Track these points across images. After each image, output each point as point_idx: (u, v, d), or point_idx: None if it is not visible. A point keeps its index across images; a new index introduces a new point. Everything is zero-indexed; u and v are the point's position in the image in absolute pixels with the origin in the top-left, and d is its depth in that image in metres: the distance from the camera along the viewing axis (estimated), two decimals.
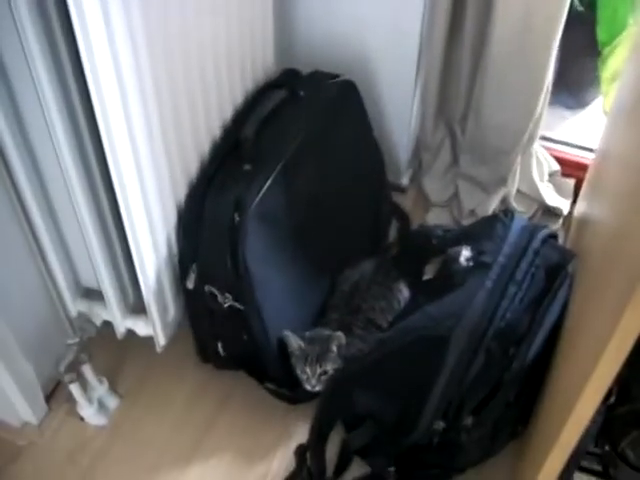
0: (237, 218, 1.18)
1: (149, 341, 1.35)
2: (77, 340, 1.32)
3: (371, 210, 1.55)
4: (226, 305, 1.24)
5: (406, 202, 1.73)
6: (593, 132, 1.74)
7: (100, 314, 1.34)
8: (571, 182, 1.70)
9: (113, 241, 1.23)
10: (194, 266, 1.24)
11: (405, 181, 1.72)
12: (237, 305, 1.23)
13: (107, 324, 1.36)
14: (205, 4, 1.13)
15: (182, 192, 1.24)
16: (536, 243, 1.23)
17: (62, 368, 1.31)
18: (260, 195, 1.19)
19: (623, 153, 1.13)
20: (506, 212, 1.30)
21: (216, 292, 1.23)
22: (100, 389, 1.40)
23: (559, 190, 1.68)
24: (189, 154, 1.23)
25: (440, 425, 1.18)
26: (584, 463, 1.10)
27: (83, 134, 1.08)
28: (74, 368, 1.32)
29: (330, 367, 1.29)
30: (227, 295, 1.23)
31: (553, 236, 1.28)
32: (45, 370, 1.38)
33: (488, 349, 1.13)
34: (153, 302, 1.26)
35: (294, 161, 1.26)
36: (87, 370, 1.36)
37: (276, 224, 1.24)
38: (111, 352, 1.45)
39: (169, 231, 1.24)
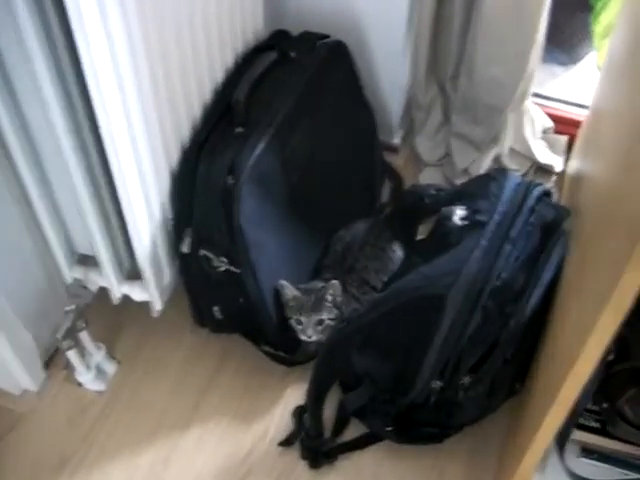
0: (231, 181, 1.17)
1: (145, 306, 1.35)
2: (74, 307, 1.32)
3: (364, 171, 1.54)
4: (222, 269, 1.23)
5: (398, 162, 1.72)
6: (586, 88, 1.73)
7: (96, 280, 1.33)
8: (564, 139, 1.69)
9: (107, 207, 1.22)
10: (189, 230, 1.24)
11: (397, 141, 1.71)
12: (232, 268, 1.23)
13: (103, 290, 1.35)
14: None
15: (175, 157, 1.23)
16: (531, 201, 1.23)
17: (60, 335, 1.31)
18: (253, 158, 1.18)
19: (617, 109, 1.13)
20: (500, 170, 1.30)
21: (211, 256, 1.23)
22: (98, 355, 1.40)
23: (552, 147, 1.68)
24: (181, 118, 1.22)
25: (437, 384, 1.19)
26: (582, 420, 1.11)
27: (74, 99, 1.06)
28: (72, 335, 1.32)
29: (325, 316, 1.29)
30: (222, 259, 1.23)
31: (547, 193, 1.27)
32: (43, 337, 1.38)
33: (485, 307, 1.13)
34: (148, 267, 1.26)
35: (286, 123, 1.25)
36: (84, 337, 1.36)
37: (270, 187, 1.24)
38: (108, 318, 1.45)
39: (163, 196, 1.23)
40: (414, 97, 1.63)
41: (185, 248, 1.25)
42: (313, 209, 1.36)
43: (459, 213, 1.27)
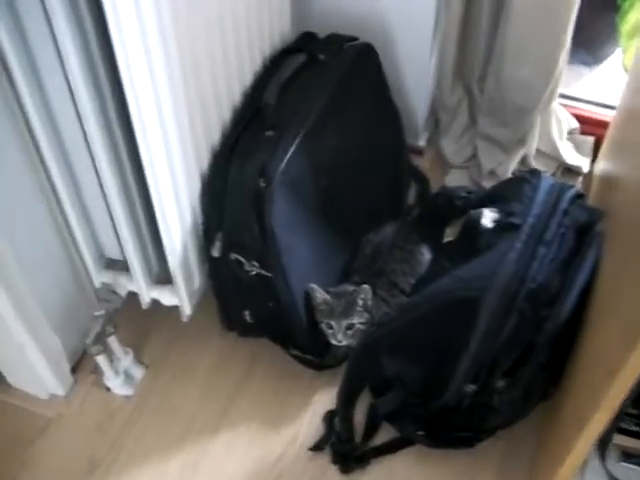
0: (262, 184, 1.16)
1: (173, 310, 1.35)
2: (103, 312, 1.31)
3: (391, 173, 1.53)
4: (253, 273, 1.23)
5: (423, 164, 1.71)
6: (611, 88, 1.72)
7: (125, 285, 1.33)
8: (590, 140, 1.68)
9: (137, 211, 1.22)
10: (219, 234, 1.23)
11: (422, 143, 1.71)
12: (264, 272, 1.22)
13: (132, 294, 1.35)
14: None
15: (205, 159, 1.23)
16: (564, 203, 1.22)
17: (89, 340, 1.30)
18: (285, 161, 1.18)
19: None
20: (533, 172, 1.28)
21: (242, 260, 1.22)
22: (126, 360, 1.40)
23: (578, 148, 1.67)
24: (211, 121, 1.22)
25: (471, 388, 1.18)
26: (622, 424, 1.10)
27: (107, 102, 1.06)
28: (101, 340, 1.32)
29: (356, 320, 1.28)
30: (254, 262, 1.22)
31: (580, 195, 1.26)
32: (71, 342, 1.38)
33: (520, 310, 1.12)
34: (179, 271, 1.25)
35: (316, 126, 1.24)
36: (113, 341, 1.35)
37: (300, 190, 1.23)
38: (136, 322, 1.45)
39: (193, 199, 1.23)
40: (440, 98, 1.62)
41: (216, 252, 1.24)
42: (341, 212, 1.36)
43: (489, 215, 1.26)
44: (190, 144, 1.15)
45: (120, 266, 1.33)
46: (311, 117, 1.24)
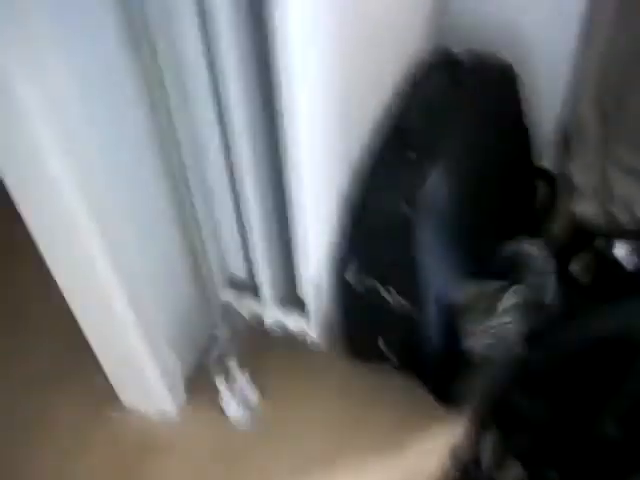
0: (407, 210, 1.11)
1: (291, 333, 1.30)
2: (226, 331, 1.27)
3: (523, 194, 1.47)
4: (391, 300, 1.17)
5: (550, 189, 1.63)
6: None
7: (249, 305, 1.29)
8: None
9: (273, 230, 1.17)
10: (356, 259, 1.18)
11: (548, 165, 1.63)
12: (403, 301, 1.16)
13: (253, 316, 1.31)
14: None
15: (345, 179, 1.18)
16: None
17: (212, 360, 1.26)
18: (429, 187, 1.12)
19: None
20: None
21: (380, 287, 1.17)
22: (243, 383, 1.35)
23: None
24: (353, 140, 1.17)
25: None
26: None
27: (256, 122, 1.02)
28: (221, 360, 1.28)
29: (495, 323, 1.22)
30: (392, 290, 1.16)
31: None
32: (187, 360, 1.34)
33: None
34: (311, 295, 1.20)
35: (457, 152, 1.19)
36: (232, 363, 1.31)
37: (442, 216, 1.17)
38: (255, 344, 1.40)
39: (332, 221, 1.18)
40: (573, 121, 1.55)
41: (350, 277, 1.19)
42: (477, 235, 1.30)
43: (621, 247, 1.19)
44: (332, 162, 1.11)
45: (244, 285, 1.29)
46: (453, 142, 1.18)
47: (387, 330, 1.25)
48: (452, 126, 1.21)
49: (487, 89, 1.29)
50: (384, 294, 1.18)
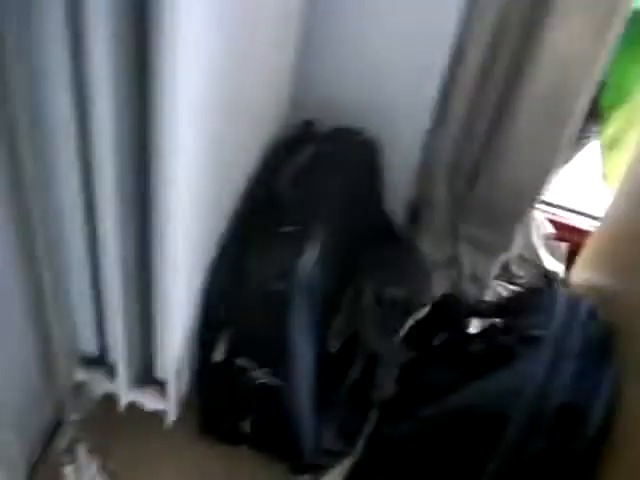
0: (283, 287, 1.07)
1: (147, 413, 1.22)
2: (77, 416, 1.17)
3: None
4: (261, 380, 1.13)
5: None
6: (578, 194, 1.77)
7: (103, 385, 1.20)
8: (563, 245, 1.68)
9: (131, 305, 1.10)
10: (223, 336, 1.13)
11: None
12: (274, 380, 1.12)
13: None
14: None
15: (211, 253, 1.13)
16: (581, 316, 1.19)
17: (58, 446, 1.16)
18: (305, 262, 1.10)
19: None
20: (550, 283, 1.26)
21: (249, 366, 1.12)
22: (93, 471, 1.24)
23: (552, 254, 1.66)
24: (219, 211, 1.13)
25: None
26: None
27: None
28: (70, 446, 1.17)
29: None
30: (264, 369, 1.12)
31: (593, 308, 1.24)
32: (31, 446, 1.22)
33: (548, 427, 1.07)
34: (172, 374, 1.13)
35: (331, 224, 1.17)
36: (82, 449, 1.21)
37: (315, 292, 1.15)
38: (108, 426, 1.29)
39: (196, 296, 1.12)
40: (424, 195, 1.58)
41: (218, 356, 1.13)
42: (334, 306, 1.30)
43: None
44: (198, 233, 1.05)
45: (97, 363, 1.20)
46: (326, 215, 1.17)
47: (255, 411, 1.20)
48: (322, 200, 1.19)
49: (354, 162, 1.29)
50: (253, 374, 1.13)
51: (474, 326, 1.33)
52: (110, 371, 1.18)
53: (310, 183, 1.20)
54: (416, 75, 1.40)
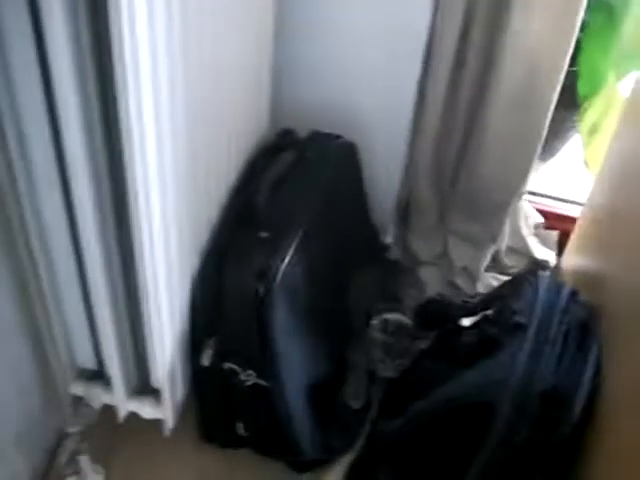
0: (262, 289, 1.10)
1: (147, 422, 1.25)
2: (78, 428, 1.21)
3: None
4: (248, 382, 1.16)
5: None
6: (568, 182, 1.81)
7: (102, 398, 1.23)
8: (555, 234, 1.70)
9: (122, 317, 1.13)
10: (211, 342, 1.16)
11: (389, 239, 1.68)
12: (261, 382, 1.15)
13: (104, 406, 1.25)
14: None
15: (195, 261, 1.16)
16: (562, 301, 1.21)
17: (62, 459, 1.19)
18: (283, 265, 1.12)
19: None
20: (530, 271, 1.28)
21: (237, 369, 1.15)
22: None
23: (544, 243, 1.68)
24: (201, 220, 1.16)
25: None
26: None
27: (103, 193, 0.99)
28: (73, 458, 1.21)
29: (408, 362, 1.30)
30: (250, 372, 1.15)
31: (575, 292, 1.26)
32: (35, 460, 1.26)
33: (534, 413, 1.09)
34: (166, 382, 1.17)
35: (309, 226, 1.20)
36: (84, 460, 1.24)
37: (296, 293, 1.18)
38: (109, 436, 1.33)
39: (183, 304, 1.15)
40: (410, 194, 1.61)
41: (206, 361, 1.17)
42: (329, 311, 1.32)
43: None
44: (181, 247, 1.09)
45: (95, 377, 1.23)
46: (305, 218, 1.20)
47: (246, 414, 1.23)
48: (302, 204, 1.23)
49: (333, 166, 1.32)
50: (243, 377, 1.16)
51: (467, 319, 1.34)
52: (108, 383, 1.21)
53: (289, 189, 1.23)
54: (391, 79, 1.43)
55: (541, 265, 1.65)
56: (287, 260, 1.13)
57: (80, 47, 0.82)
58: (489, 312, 1.29)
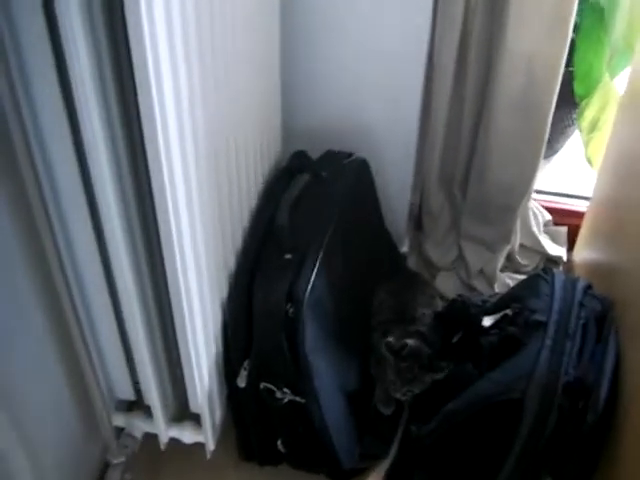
0: (291, 310, 1.15)
1: (186, 447, 1.29)
2: (122, 459, 1.25)
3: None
4: (285, 400, 1.20)
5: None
6: (572, 179, 1.85)
7: (143, 427, 1.27)
8: (564, 230, 1.74)
9: (158, 347, 1.18)
10: (246, 363, 1.20)
11: (405, 248, 1.72)
12: (297, 399, 1.19)
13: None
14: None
15: (225, 287, 1.21)
16: (578, 295, 1.25)
17: None
18: (310, 284, 1.17)
19: None
20: (546, 269, 1.31)
21: (273, 388, 1.19)
22: None
23: (554, 239, 1.72)
24: (227, 247, 1.20)
25: None
26: None
27: (134, 230, 1.04)
28: None
29: (418, 390, 1.31)
30: (285, 390, 1.19)
31: (589, 286, 1.30)
32: None
33: (560, 406, 1.13)
34: (205, 407, 1.21)
35: (330, 245, 1.24)
36: None
37: (323, 310, 1.22)
38: (152, 463, 1.37)
39: (217, 329, 1.20)
40: (423, 203, 1.66)
41: (242, 382, 1.21)
42: (351, 321, 1.36)
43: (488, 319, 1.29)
44: (211, 273, 1.13)
45: (135, 407, 1.28)
46: (325, 236, 1.24)
47: (285, 430, 1.27)
48: (322, 223, 1.27)
49: (348, 184, 1.37)
50: (280, 396, 1.20)
51: (488, 319, 1.37)
52: (148, 413, 1.26)
53: (307, 209, 1.28)
54: (396, 94, 1.48)
55: (554, 261, 1.69)
56: (312, 279, 1.17)
57: (104, 83, 0.87)
58: (508, 311, 1.31)
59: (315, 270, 1.19)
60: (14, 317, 1.02)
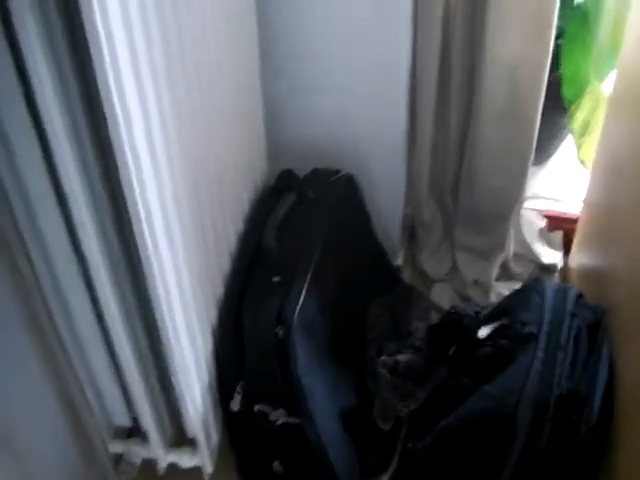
0: (281, 332, 1.15)
1: (185, 471, 1.29)
2: None
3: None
4: (279, 422, 1.20)
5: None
6: (565, 183, 1.85)
7: (140, 453, 1.28)
8: (559, 235, 1.74)
9: (151, 374, 1.18)
10: (239, 387, 1.21)
11: (399, 261, 1.72)
12: (292, 420, 1.19)
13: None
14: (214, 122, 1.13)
15: (214, 312, 1.21)
16: (570, 305, 1.24)
17: None
18: (299, 306, 1.17)
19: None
20: (536, 279, 1.31)
21: (267, 410, 1.20)
22: None
23: (549, 245, 1.72)
24: (214, 271, 1.20)
25: None
26: None
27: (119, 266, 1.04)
28: None
29: (414, 405, 1.30)
30: (279, 411, 1.19)
31: (580, 295, 1.29)
32: None
33: (553, 419, 1.13)
34: (201, 431, 1.21)
35: (319, 265, 1.24)
36: None
37: (313, 331, 1.22)
38: None
39: (207, 354, 1.20)
40: (415, 215, 1.66)
41: (236, 406, 1.21)
42: (345, 337, 1.36)
43: (484, 330, 1.28)
44: (198, 302, 1.13)
45: (130, 433, 1.28)
46: (313, 256, 1.24)
47: (281, 451, 1.27)
48: (309, 244, 1.27)
49: (335, 202, 1.37)
50: (274, 417, 1.20)
51: (485, 330, 1.37)
52: (145, 439, 1.26)
53: (295, 230, 1.28)
54: (382, 108, 1.48)
55: (547, 270, 1.68)
56: (301, 301, 1.17)
57: (76, 124, 0.87)
58: (502, 322, 1.31)
59: (304, 291, 1.19)
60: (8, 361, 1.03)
